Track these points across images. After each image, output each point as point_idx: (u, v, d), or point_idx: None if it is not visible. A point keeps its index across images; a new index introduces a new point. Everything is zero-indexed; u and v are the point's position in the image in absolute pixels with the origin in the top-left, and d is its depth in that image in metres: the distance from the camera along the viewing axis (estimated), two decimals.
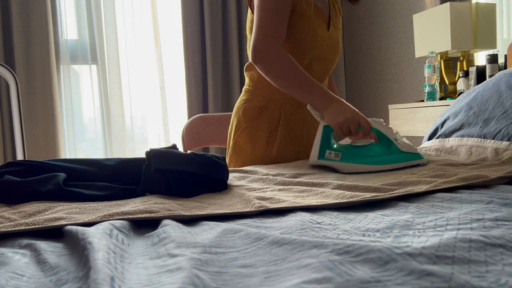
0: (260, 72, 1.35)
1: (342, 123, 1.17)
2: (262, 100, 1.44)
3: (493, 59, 2.39)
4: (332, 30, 1.45)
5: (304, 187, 0.88)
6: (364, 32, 3.67)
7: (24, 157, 2.05)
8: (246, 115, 1.46)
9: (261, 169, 1.19)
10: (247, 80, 1.51)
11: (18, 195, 0.84)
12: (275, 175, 1.08)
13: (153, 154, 0.91)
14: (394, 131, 1.14)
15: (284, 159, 1.44)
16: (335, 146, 1.16)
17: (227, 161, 1.55)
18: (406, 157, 1.09)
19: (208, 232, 0.60)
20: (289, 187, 0.90)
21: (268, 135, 1.43)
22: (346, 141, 1.24)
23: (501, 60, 2.48)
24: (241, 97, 1.50)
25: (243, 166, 1.45)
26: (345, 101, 1.24)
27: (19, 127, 2.00)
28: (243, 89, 1.52)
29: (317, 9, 1.40)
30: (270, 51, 1.28)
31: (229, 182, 0.99)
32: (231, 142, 1.51)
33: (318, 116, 1.20)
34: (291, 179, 1.03)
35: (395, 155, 1.09)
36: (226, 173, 0.95)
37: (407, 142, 1.12)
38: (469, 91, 1.49)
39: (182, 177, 0.89)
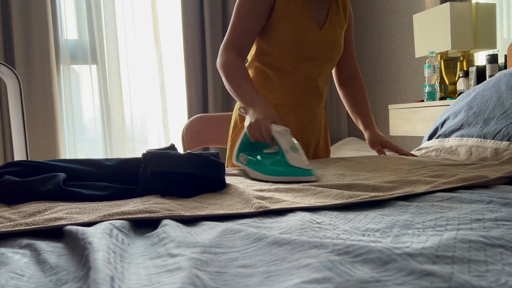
0: None
1: (250, 126, 1.15)
2: None
3: (493, 59, 2.39)
4: (327, 29, 1.43)
5: (303, 186, 0.88)
6: (364, 32, 3.67)
7: (27, 158, 2.05)
8: (241, 116, 1.46)
9: None
10: None
11: (18, 195, 0.84)
12: None
13: (149, 157, 0.91)
14: (294, 142, 1.06)
15: None
16: (258, 150, 1.14)
17: (226, 161, 1.56)
18: (291, 172, 1.01)
19: (208, 232, 0.60)
20: (288, 186, 0.90)
21: None
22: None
23: (501, 60, 2.48)
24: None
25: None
26: (265, 105, 1.20)
27: (22, 128, 2.00)
28: None
29: (305, 9, 1.39)
30: (223, 57, 1.34)
31: (228, 181, 0.99)
32: (229, 142, 1.52)
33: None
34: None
35: (282, 167, 1.03)
36: (223, 171, 0.95)
37: (301, 156, 1.03)
38: (469, 91, 1.49)
39: (180, 178, 0.89)
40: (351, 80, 1.62)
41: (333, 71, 1.64)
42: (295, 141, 1.06)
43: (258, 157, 1.11)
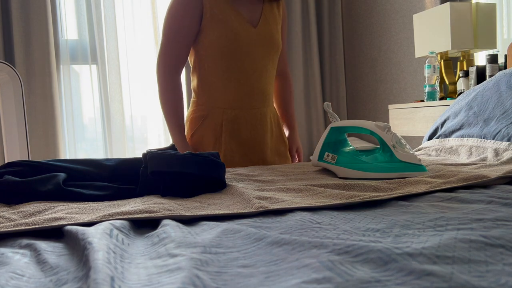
0: None
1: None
2: (204, 110, 1.49)
3: (493, 59, 2.39)
4: (262, 27, 1.46)
5: (303, 187, 0.88)
6: (364, 32, 3.67)
7: (28, 158, 2.05)
8: (191, 125, 1.51)
9: (259, 171, 1.19)
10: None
11: (18, 195, 0.84)
12: (273, 176, 1.08)
13: (149, 157, 0.91)
14: (398, 138, 1.06)
15: (232, 163, 1.47)
16: (345, 149, 1.12)
17: None
18: (403, 167, 1.00)
19: (208, 232, 0.60)
20: (288, 186, 0.90)
21: (214, 141, 1.47)
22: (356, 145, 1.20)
23: (501, 60, 2.48)
24: (189, 109, 1.55)
25: None
26: (180, 135, 1.43)
27: (23, 127, 1.99)
28: (191, 100, 1.57)
29: (232, 9, 1.42)
30: (162, 77, 1.45)
31: (227, 182, 0.99)
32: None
33: (332, 117, 1.17)
34: (290, 177, 1.03)
35: (393, 163, 1.01)
36: (223, 171, 0.95)
37: (410, 151, 1.04)
38: (469, 91, 1.49)
39: (179, 178, 0.89)
40: (281, 79, 1.68)
41: None
42: (399, 136, 1.06)
43: (353, 155, 1.08)
